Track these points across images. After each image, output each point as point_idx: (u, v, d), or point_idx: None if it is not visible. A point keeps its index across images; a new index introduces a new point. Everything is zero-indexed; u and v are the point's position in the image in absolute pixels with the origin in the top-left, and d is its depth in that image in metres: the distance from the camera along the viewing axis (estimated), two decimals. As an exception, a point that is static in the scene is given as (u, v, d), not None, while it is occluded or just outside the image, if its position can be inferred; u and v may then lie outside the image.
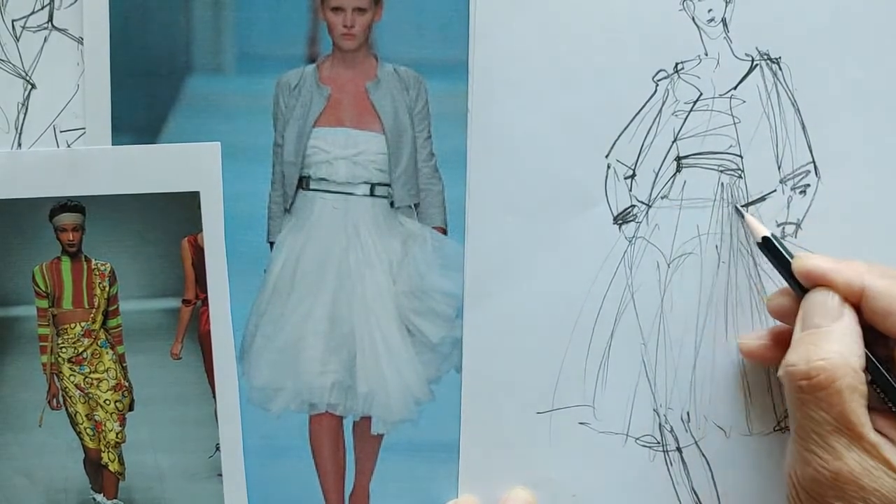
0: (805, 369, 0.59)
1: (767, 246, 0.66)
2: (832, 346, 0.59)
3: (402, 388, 0.71)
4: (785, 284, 0.66)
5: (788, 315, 0.65)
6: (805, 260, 0.63)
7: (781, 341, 0.66)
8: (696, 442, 0.71)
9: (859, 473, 0.58)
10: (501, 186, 0.69)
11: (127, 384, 0.73)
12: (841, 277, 0.62)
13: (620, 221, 0.69)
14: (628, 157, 0.69)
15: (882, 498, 0.57)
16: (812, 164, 0.69)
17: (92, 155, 0.70)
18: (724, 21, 0.68)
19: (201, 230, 0.70)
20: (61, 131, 0.70)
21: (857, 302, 0.61)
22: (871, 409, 0.59)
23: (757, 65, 0.68)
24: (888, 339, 0.62)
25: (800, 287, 0.64)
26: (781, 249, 0.65)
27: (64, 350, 0.73)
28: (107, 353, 0.74)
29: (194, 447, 0.72)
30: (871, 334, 0.61)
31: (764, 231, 0.66)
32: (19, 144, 0.70)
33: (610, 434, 0.71)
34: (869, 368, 0.60)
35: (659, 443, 0.71)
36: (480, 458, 0.71)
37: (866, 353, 0.60)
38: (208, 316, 0.71)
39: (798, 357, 0.60)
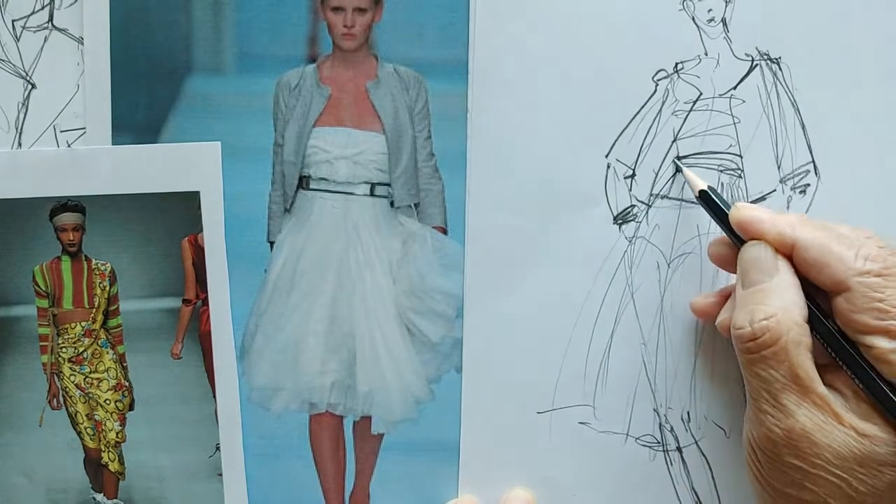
0: (751, 331, 0.59)
1: (705, 198, 0.66)
2: (774, 303, 0.59)
3: (402, 387, 0.71)
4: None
5: (728, 263, 0.65)
6: (741, 210, 0.63)
7: (728, 298, 0.66)
8: (696, 442, 0.71)
9: (811, 429, 0.57)
10: (501, 186, 0.69)
11: (127, 384, 0.73)
12: (773, 229, 0.61)
13: (620, 221, 0.69)
14: (628, 157, 0.69)
15: (834, 453, 0.57)
16: (812, 164, 0.69)
17: (92, 155, 0.70)
18: (723, 21, 0.68)
19: (201, 230, 0.70)
20: (61, 131, 0.70)
21: (789, 253, 0.61)
22: (819, 365, 0.59)
23: (757, 65, 0.68)
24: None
25: (739, 240, 0.63)
26: (719, 201, 0.65)
27: (64, 350, 0.73)
28: (107, 352, 0.74)
29: (194, 447, 0.72)
30: (809, 286, 0.61)
31: (701, 184, 0.66)
32: (19, 144, 0.70)
33: (610, 434, 0.71)
34: (810, 319, 0.60)
35: (659, 442, 0.71)
36: (480, 458, 0.71)
37: (807, 304, 0.60)
38: (208, 316, 0.71)
39: (743, 319, 0.60)
